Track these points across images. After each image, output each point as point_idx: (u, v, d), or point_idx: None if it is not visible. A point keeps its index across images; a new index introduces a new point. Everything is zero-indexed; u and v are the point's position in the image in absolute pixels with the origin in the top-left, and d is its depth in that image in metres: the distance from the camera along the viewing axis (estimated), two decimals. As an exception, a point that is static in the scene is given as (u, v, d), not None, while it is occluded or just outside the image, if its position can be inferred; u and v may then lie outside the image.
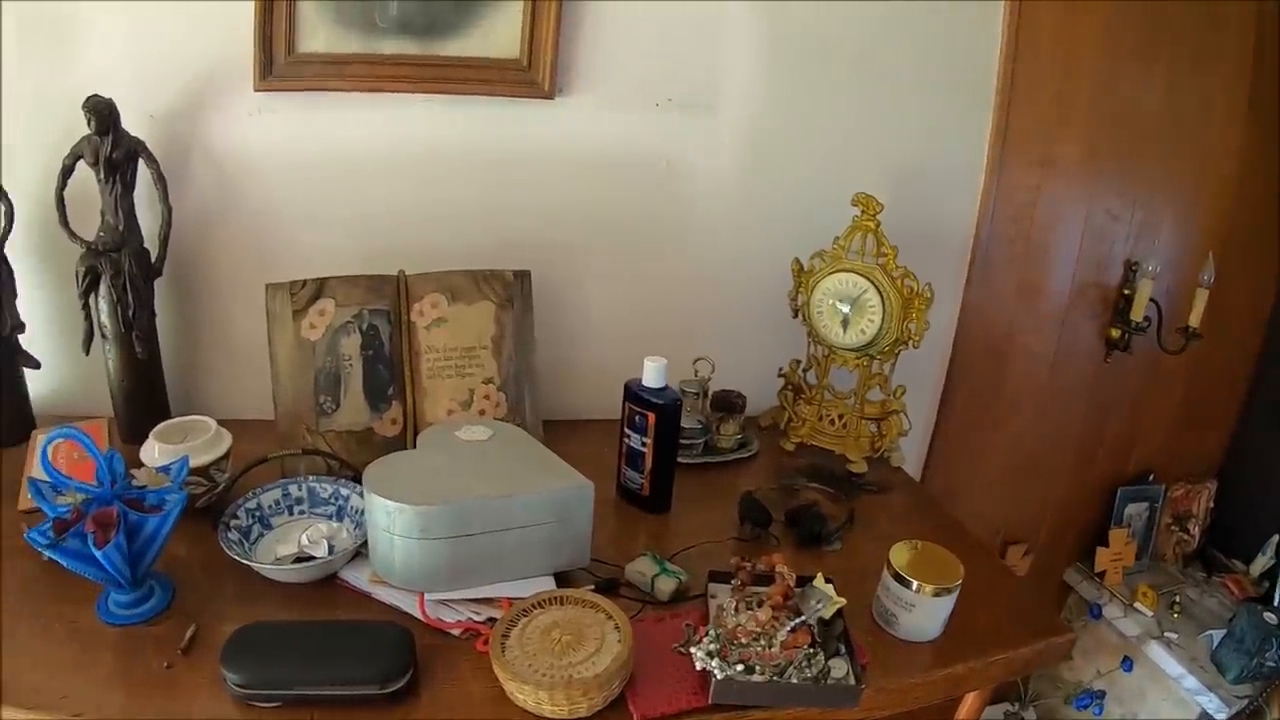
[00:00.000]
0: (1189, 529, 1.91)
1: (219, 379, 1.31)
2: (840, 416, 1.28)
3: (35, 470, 1.10)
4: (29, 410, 1.28)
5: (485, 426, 1.02)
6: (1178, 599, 1.78)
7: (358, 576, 0.96)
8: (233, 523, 1.00)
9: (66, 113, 1.24)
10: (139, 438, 1.21)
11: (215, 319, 1.28)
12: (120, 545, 0.86)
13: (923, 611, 0.91)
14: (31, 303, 1.27)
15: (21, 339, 1.26)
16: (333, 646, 0.85)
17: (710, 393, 1.22)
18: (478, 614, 0.92)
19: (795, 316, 1.27)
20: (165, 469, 0.97)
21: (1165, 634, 1.70)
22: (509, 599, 0.91)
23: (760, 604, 0.86)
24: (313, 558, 0.95)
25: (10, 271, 1.24)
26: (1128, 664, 1.75)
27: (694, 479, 1.15)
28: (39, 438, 1.16)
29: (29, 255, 1.27)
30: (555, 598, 0.90)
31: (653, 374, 1.06)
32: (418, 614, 0.91)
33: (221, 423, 1.09)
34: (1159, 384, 1.76)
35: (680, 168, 1.23)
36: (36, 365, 1.27)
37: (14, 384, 1.26)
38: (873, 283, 1.20)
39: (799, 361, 1.29)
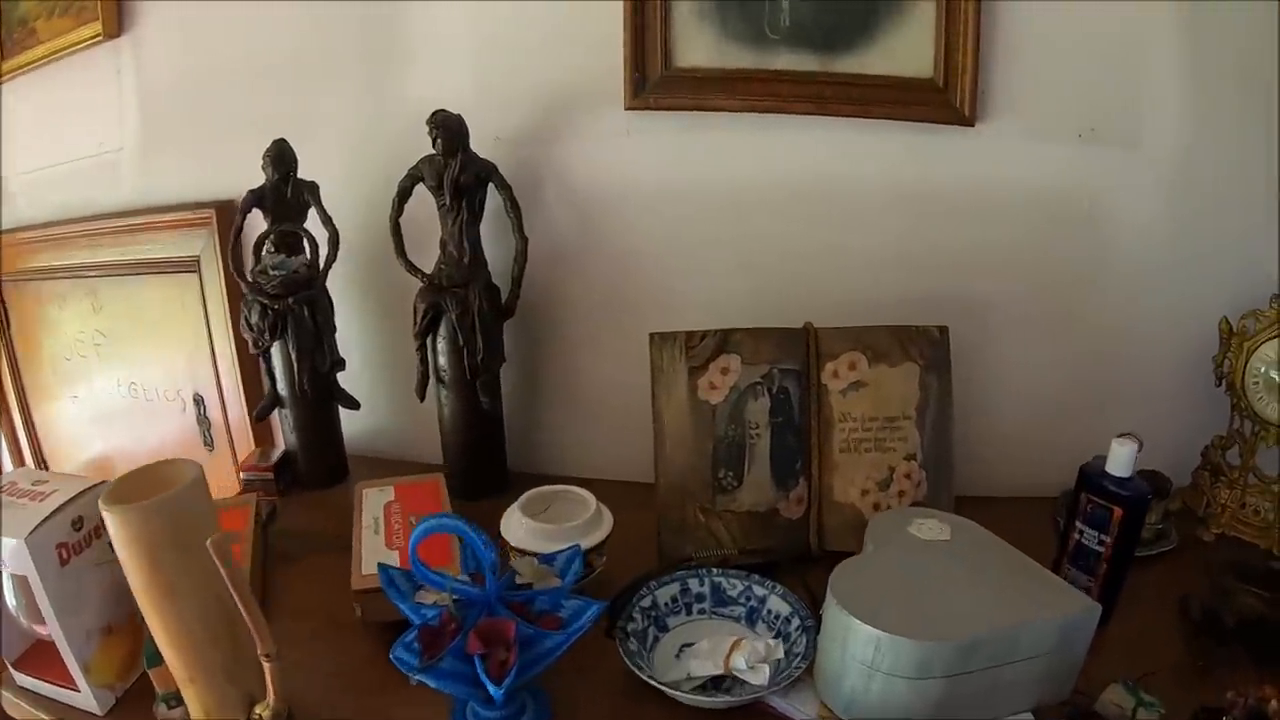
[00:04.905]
0: None
1: (559, 433, 1.17)
2: (1267, 505, 1.09)
3: (365, 535, 0.93)
4: (343, 453, 1.18)
5: (939, 522, 0.85)
6: None
7: (792, 705, 0.79)
8: (630, 626, 0.83)
9: (391, 136, 1.13)
10: (473, 496, 1.09)
11: (561, 367, 1.15)
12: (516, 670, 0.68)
13: None
14: (346, 339, 1.16)
15: (340, 377, 1.15)
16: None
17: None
18: (950, 765, 0.76)
19: (1219, 385, 1.08)
20: (549, 560, 0.82)
21: None
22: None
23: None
24: (743, 683, 0.78)
25: (330, 305, 1.13)
26: None
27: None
28: (366, 493, 1.02)
29: (346, 288, 1.17)
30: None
31: (1122, 460, 0.88)
32: (877, 760, 0.75)
33: (557, 481, 0.97)
34: None
35: (1100, 209, 1.05)
36: (356, 406, 1.17)
37: (329, 425, 1.16)
38: (1316, 351, 1.01)
39: (1221, 437, 1.11)
